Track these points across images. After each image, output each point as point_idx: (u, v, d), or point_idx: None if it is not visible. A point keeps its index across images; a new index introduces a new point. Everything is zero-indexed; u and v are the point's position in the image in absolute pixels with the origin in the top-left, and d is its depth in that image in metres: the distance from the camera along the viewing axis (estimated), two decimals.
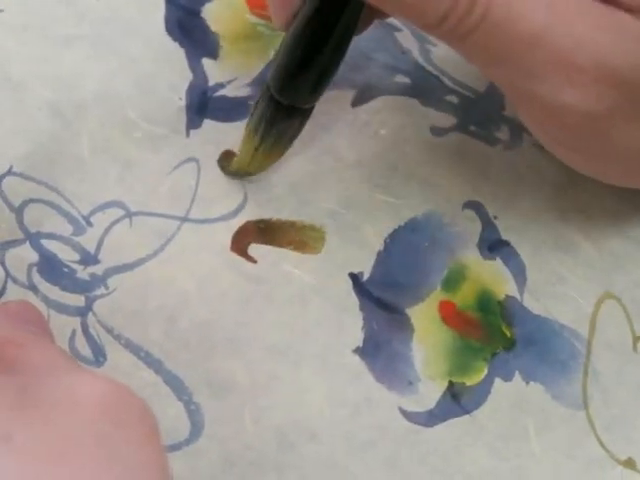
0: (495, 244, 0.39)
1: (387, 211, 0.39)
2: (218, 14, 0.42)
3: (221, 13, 0.42)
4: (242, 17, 0.43)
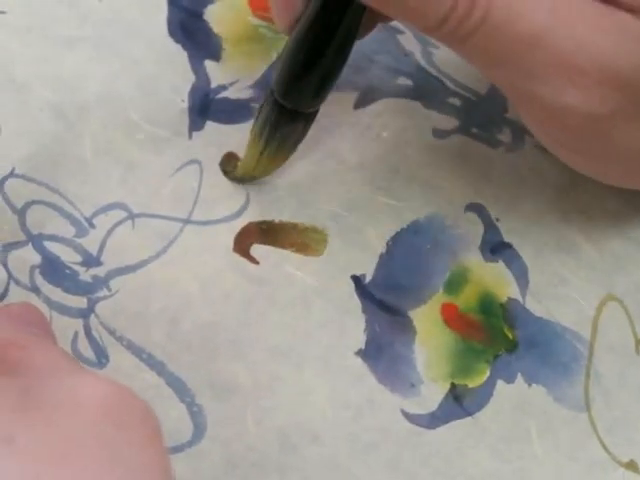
0: (497, 246, 0.39)
1: (389, 213, 0.39)
2: (221, 16, 0.42)
3: (223, 15, 0.42)
4: (244, 19, 0.43)
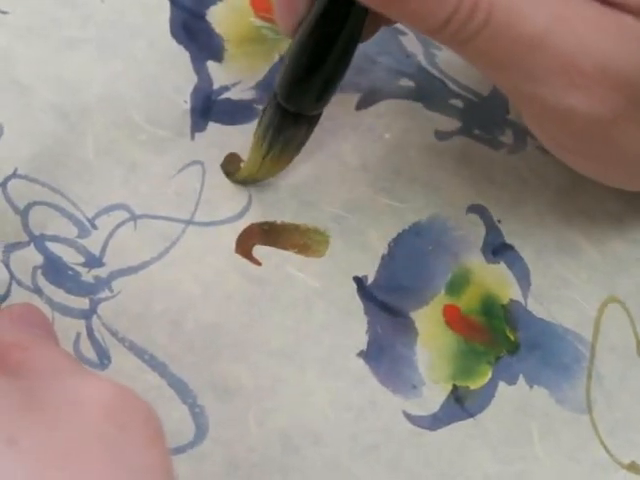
0: (499, 248, 0.39)
1: (391, 215, 0.39)
2: (223, 17, 0.42)
3: (226, 16, 0.42)
4: (247, 20, 0.43)
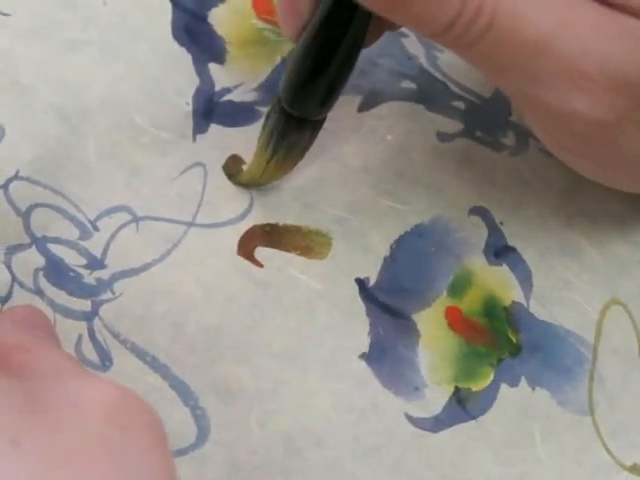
0: (501, 250, 0.39)
1: (393, 217, 0.39)
2: (225, 19, 0.42)
3: (228, 18, 0.42)
4: (249, 22, 0.43)
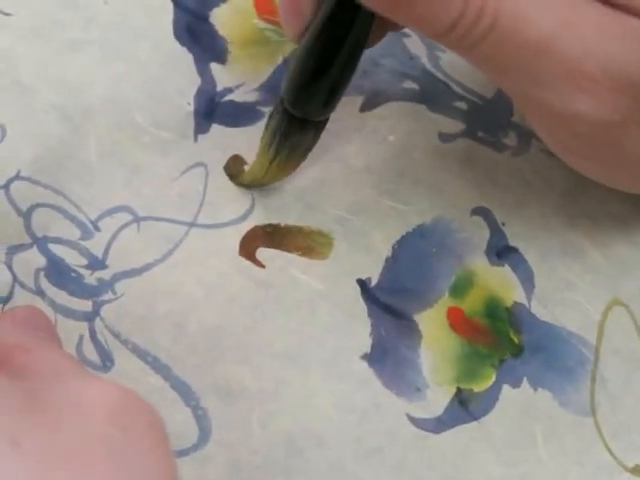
0: (503, 250, 0.39)
1: (395, 217, 0.39)
2: (226, 19, 0.42)
3: (229, 18, 0.42)
4: (250, 22, 0.42)
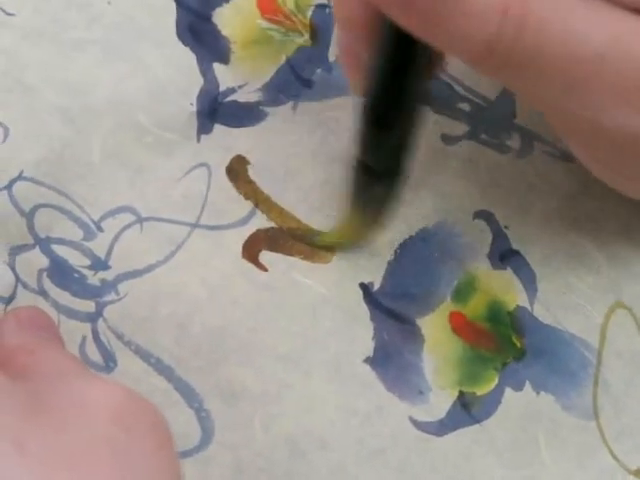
0: (506, 254, 0.39)
1: (398, 221, 0.39)
2: (229, 19, 0.42)
3: (232, 18, 0.42)
4: (253, 22, 0.42)
